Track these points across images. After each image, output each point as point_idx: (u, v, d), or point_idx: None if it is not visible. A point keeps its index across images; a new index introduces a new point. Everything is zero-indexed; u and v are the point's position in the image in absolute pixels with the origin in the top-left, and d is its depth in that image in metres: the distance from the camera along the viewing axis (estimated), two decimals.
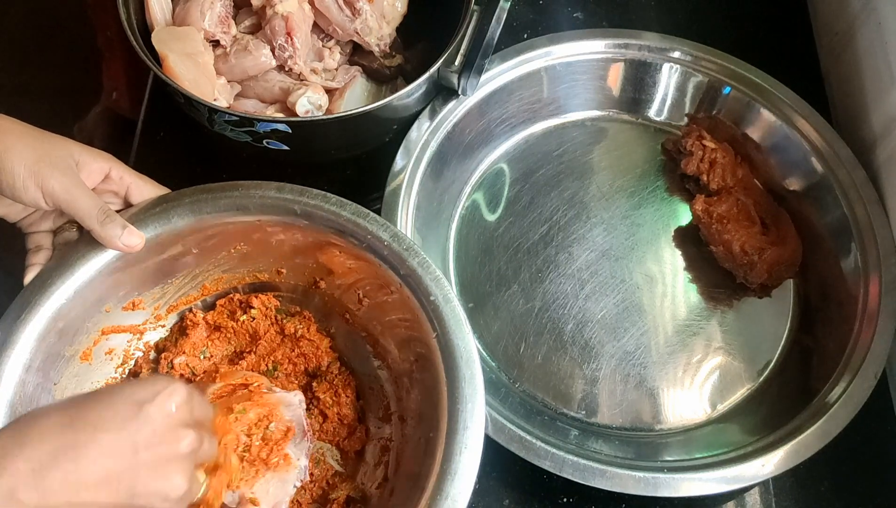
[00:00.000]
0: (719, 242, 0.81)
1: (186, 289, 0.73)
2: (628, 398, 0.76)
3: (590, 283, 0.81)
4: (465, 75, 0.78)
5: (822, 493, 0.73)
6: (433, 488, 0.58)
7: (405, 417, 0.68)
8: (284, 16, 0.80)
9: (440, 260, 0.82)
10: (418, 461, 0.62)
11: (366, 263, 0.68)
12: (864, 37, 0.87)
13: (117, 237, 0.64)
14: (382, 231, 0.67)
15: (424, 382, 0.65)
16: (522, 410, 0.73)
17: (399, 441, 0.68)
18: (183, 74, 0.76)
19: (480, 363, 0.62)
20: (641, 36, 0.88)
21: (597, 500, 0.71)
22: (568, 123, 0.91)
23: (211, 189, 0.69)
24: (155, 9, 0.81)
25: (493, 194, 0.87)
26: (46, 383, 0.65)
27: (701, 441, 0.73)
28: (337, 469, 0.69)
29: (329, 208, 0.68)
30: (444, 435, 0.59)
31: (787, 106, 0.84)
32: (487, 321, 0.79)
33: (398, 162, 0.80)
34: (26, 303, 0.64)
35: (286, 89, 0.82)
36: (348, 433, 0.70)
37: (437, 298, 0.64)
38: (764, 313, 0.81)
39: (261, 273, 0.74)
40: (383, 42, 0.85)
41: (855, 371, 0.70)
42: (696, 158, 0.85)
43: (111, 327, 0.70)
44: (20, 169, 0.61)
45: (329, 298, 0.74)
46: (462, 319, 0.63)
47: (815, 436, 0.67)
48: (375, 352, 0.72)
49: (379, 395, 0.71)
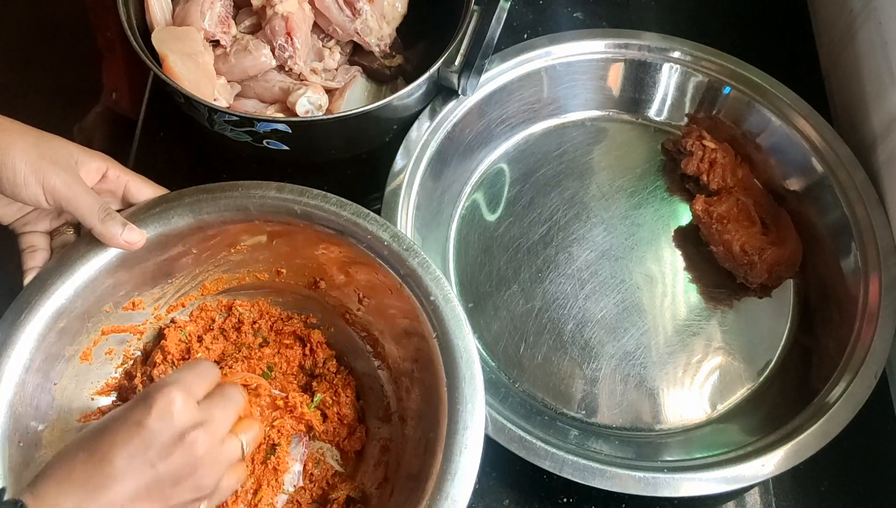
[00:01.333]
0: (719, 242, 0.81)
1: (186, 289, 0.73)
2: (628, 398, 0.76)
3: (590, 283, 0.81)
4: (465, 75, 0.78)
5: (822, 493, 0.73)
6: (433, 488, 0.58)
7: (405, 417, 0.68)
8: (284, 16, 0.80)
9: (440, 260, 0.82)
10: (418, 461, 0.62)
11: (366, 263, 0.68)
12: (864, 37, 0.87)
13: (118, 234, 0.64)
14: (382, 231, 0.67)
15: (424, 382, 0.65)
16: (522, 410, 0.73)
17: (399, 441, 0.68)
18: (183, 74, 0.76)
19: (480, 363, 0.62)
20: (641, 36, 0.88)
21: (597, 500, 0.71)
22: (568, 123, 0.91)
23: (211, 189, 0.69)
24: (155, 9, 0.81)
25: (493, 194, 0.87)
26: (46, 383, 0.65)
27: (701, 441, 0.73)
28: (337, 469, 0.69)
29: (329, 208, 0.68)
30: (444, 435, 0.59)
31: (787, 106, 0.84)
32: (487, 320, 0.79)
33: (398, 162, 0.80)
34: (26, 303, 0.64)
35: (286, 89, 0.82)
36: (348, 434, 0.70)
37: (437, 298, 0.64)
38: (764, 313, 0.81)
39: (261, 273, 0.74)
40: (383, 42, 0.85)
41: (855, 371, 0.70)
42: (696, 158, 0.85)
43: (111, 327, 0.70)
44: (21, 165, 0.61)
45: (329, 298, 0.74)
46: (462, 319, 0.64)
47: (815, 436, 0.67)
48: (375, 352, 0.72)
49: (379, 395, 0.71)
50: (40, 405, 0.65)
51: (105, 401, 0.70)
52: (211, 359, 0.72)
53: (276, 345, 0.73)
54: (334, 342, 0.74)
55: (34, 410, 0.64)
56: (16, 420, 0.62)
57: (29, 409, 0.63)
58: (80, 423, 0.68)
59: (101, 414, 0.69)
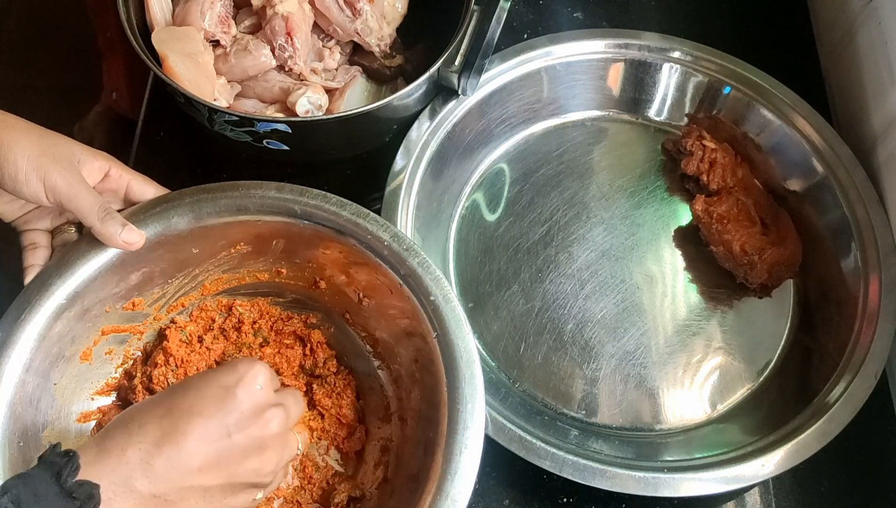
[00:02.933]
0: (719, 242, 0.81)
1: (186, 289, 0.73)
2: (628, 398, 0.76)
3: (590, 283, 0.81)
4: (465, 75, 0.78)
5: (822, 493, 0.73)
6: (434, 488, 0.58)
7: (405, 417, 0.68)
8: (284, 16, 0.80)
9: (440, 260, 0.82)
10: (418, 461, 0.62)
11: (366, 263, 0.68)
12: (864, 37, 0.87)
13: (117, 234, 0.64)
14: (382, 231, 0.67)
15: (424, 382, 0.65)
16: (522, 410, 0.73)
17: (399, 441, 0.68)
18: (183, 74, 0.76)
19: (480, 363, 0.62)
20: (641, 36, 0.88)
21: (597, 500, 0.71)
22: (568, 123, 0.91)
23: (211, 189, 0.69)
24: (155, 9, 0.81)
25: (493, 194, 0.87)
26: (46, 383, 0.65)
27: (701, 441, 0.73)
28: (337, 469, 0.69)
29: (329, 208, 0.68)
30: (444, 435, 0.59)
31: (787, 106, 0.84)
32: (487, 320, 0.79)
33: (398, 162, 0.80)
34: (26, 303, 0.64)
35: (286, 89, 0.82)
36: (348, 434, 0.70)
37: (437, 298, 0.64)
38: (764, 313, 0.81)
39: (261, 273, 0.74)
40: (384, 42, 0.85)
41: (855, 371, 0.70)
42: (696, 158, 0.85)
43: (111, 327, 0.70)
44: (23, 162, 0.61)
45: (329, 298, 0.74)
46: (462, 319, 0.64)
47: (815, 436, 0.67)
48: (375, 352, 0.72)
49: (379, 395, 0.71)
50: (40, 405, 0.65)
51: (105, 401, 0.70)
52: (211, 359, 0.72)
53: (277, 345, 0.73)
54: (334, 342, 0.74)
55: (34, 410, 0.64)
56: (15, 420, 0.62)
57: (29, 409, 0.63)
58: (79, 423, 0.68)
59: (101, 414, 0.69)
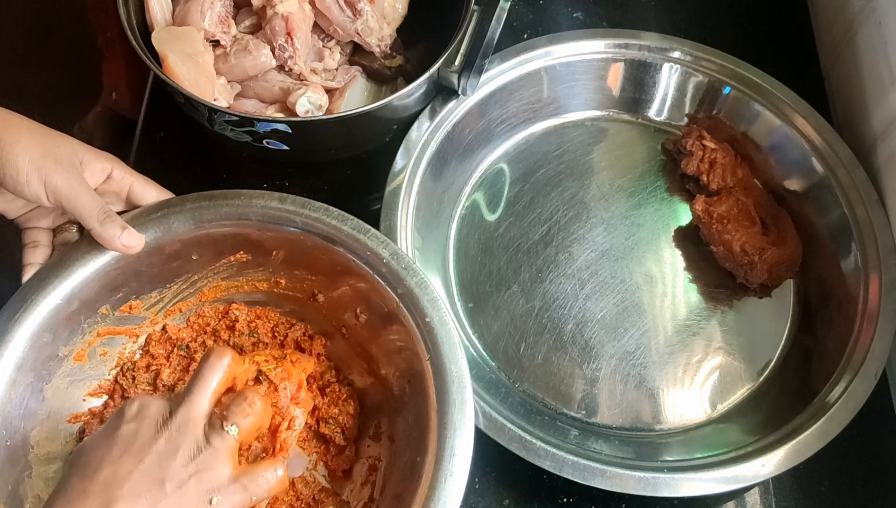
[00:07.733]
0: (719, 242, 0.81)
1: (184, 294, 0.73)
2: (628, 398, 0.76)
3: (590, 283, 0.81)
4: (465, 75, 0.78)
5: (822, 493, 0.73)
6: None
7: (394, 438, 0.67)
8: (285, 16, 0.80)
9: (440, 260, 0.82)
10: (404, 483, 0.61)
11: (364, 279, 0.67)
12: (864, 37, 0.87)
13: (116, 237, 0.64)
14: (382, 248, 0.66)
15: (416, 404, 0.64)
16: (522, 410, 0.73)
17: (387, 462, 0.67)
18: (183, 74, 0.76)
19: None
20: (641, 36, 0.88)
21: (597, 500, 0.71)
22: (568, 123, 0.91)
23: (213, 196, 0.68)
24: (155, 9, 0.81)
25: (493, 194, 0.87)
26: (38, 382, 0.65)
27: (701, 441, 0.73)
28: (324, 484, 0.68)
29: (330, 221, 0.67)
30: (431, 461, 0.58)
31: (787, 106, 0.84)
32: (487, 321, 0.79)
33: (398, 162, 0.80)
34: (22, 301, 0.64)
35: (286, 89, 0.82)
36: (337, 452, 0.69)
37: (433, 320, 0.63)
38: (764, 313, 0.81)
39: (260, 283, 0.74)
40: (384, 42, 0.85)
41: (855, 371, 0.70)
42: (696, 158, 0.85)
43: (107, 328, 0.70)
44: (24, 163, 0.61)
45: (326, 312, 0.73)
46: (456, 342, 0.63)
47: (815, 436, 0.67)
48: (370, 369, 0.72)
49: (371, 413, 0.71)
50: (30, 404, 0.64)
51: (96, 403, 0.70)
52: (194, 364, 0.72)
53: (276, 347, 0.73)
54: (331, 355, 0.73)
55: (24, 409, 0.64)
56: (3, 418, 0.62)
57: (18, 408, 0.63)
58: (70, 424, 0.68)
59: (92, 416, 0.69)
